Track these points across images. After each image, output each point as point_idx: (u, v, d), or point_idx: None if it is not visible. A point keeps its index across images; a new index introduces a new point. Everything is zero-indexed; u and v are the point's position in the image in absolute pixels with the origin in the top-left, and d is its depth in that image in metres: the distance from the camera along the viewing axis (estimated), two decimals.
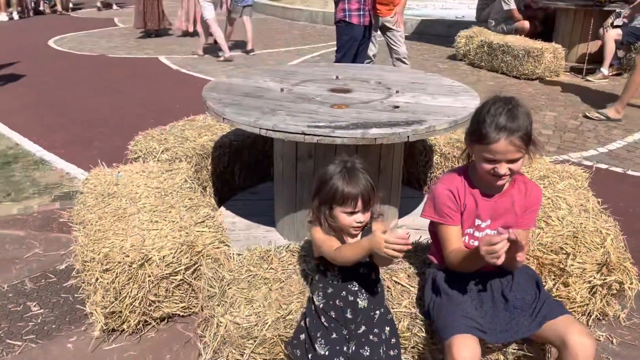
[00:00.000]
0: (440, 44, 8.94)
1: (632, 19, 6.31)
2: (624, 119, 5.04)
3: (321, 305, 1.70)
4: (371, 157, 2.48)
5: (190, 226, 2.29)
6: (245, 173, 3.42)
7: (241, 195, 3.33)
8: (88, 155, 4.07)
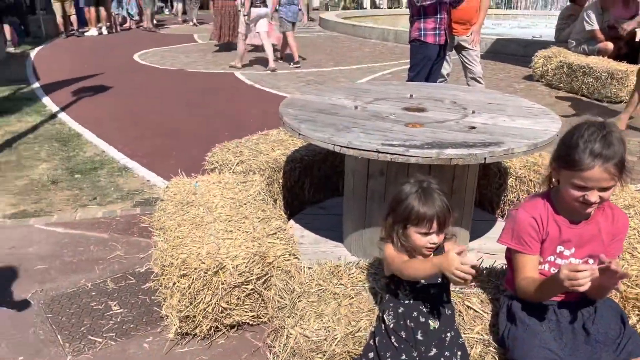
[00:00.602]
0: (515, 64, 8.71)
1: None
2: None
3: (391, 325, 1.69)
4: (444, 178, 2.45)
5: (262, 237, 2.35)
6: (314, 187, 3.47)
7: (310, 209, 3.38)
8: (167, 164, 4.28)
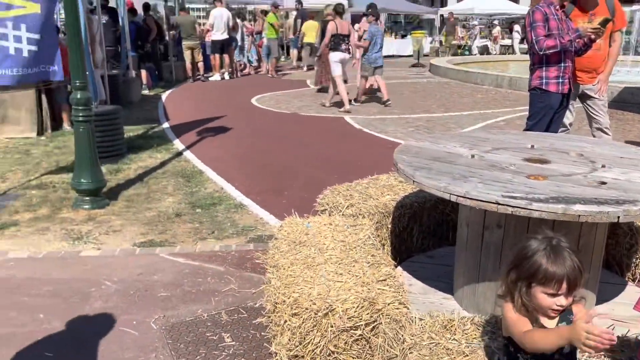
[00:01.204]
0: None
1: None
2: None
3: None
4: (569, 235, 2.28)
5: (372, 283, 2.34)
6: (423, 235, 3.41)
7: (418, 257, 3.32)
8: (279, 203, 4.46)
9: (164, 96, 10.56)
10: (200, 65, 13.11)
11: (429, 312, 2.14)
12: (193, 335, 2.55)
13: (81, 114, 4.15)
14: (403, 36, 24.65)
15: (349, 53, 9.08)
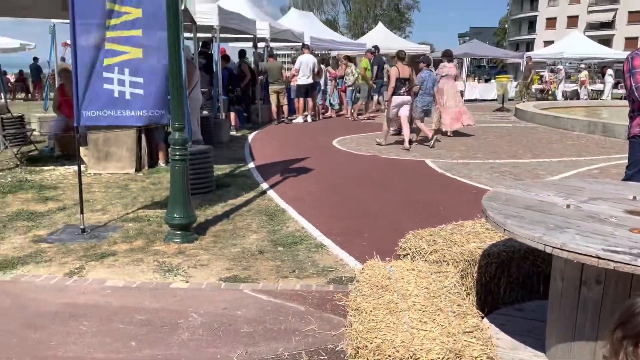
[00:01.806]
0: None
1: None
2: None
3: None
4: None
5: (458, 334, 2.26)
6: (511, 286, 3.25)
7: (505, 309, 3.16)
8: (359, 244, 4.45)
9: (250, 137, 11.03)
10: (285, 108, 13.63)
11: None
12: None
13: (178, 153, 4.44)
14: (487, 80, 24.29)
15: (409, 96, 9.61)
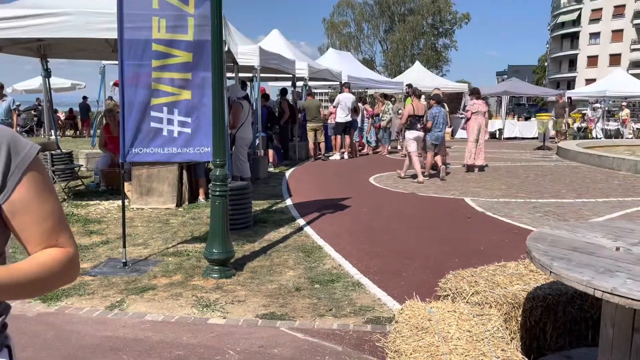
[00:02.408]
0: None
1: None
2: None
3: None
4: None
5: None
6: (558, 332, 3.12)
7: (552, 356, 3.03)
8: (397, 284, 4.38)
9: (288, 173, 11.15)
10: (322, 145, 13.77)
11: None
12: None
13: (218, 189, 4.52)
14: (527, 118, 23.99)
15: (423, 131, 10.17)
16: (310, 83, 14.62)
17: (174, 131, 4.83)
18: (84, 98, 23.81)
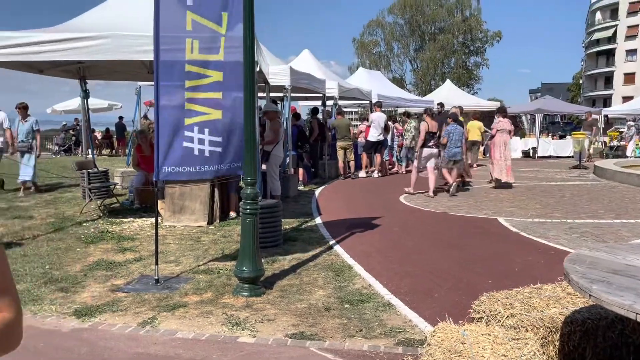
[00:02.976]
0: None
1: None
2: None
3: None
4: None
5: None
6: (597, 358, 2.99)
7: None
8: (428, 305, 4.29)
9: (317, 192, 11.16)
10: (351, 164, 13.77)
11: None
12: None
13: (249, 207, 4.56)
14: (561, 137, 23.50)
15: (437, 148, 10.60)
16: (340, 102, 14.70)
17: (205, 150, 4.90)
18: (120, 118, 24.53)
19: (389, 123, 15.02)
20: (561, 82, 72.47)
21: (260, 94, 8.21)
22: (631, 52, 59.03)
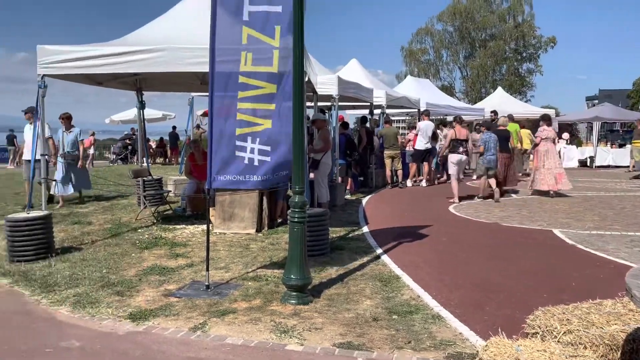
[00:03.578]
0: None
1: None
2: None
3: None
4: None
5: None
6: None
7: None
8: (479, 318, 4.18)
9: (365, 201, 11.11)
10: (399, 172, 13.65)
11: None
12: None
13: (297, 216, 4.59)
14: (621, 145, 22.46)
15: (466, 155, 10.95)
16: (387, 110, 14.62)
17: (255, 159, 4.98)
18: (173, 128, 25.32)
19: (438, 131, 14.83)
20: (620, 89, 69.31)
21: (308, 103, 8.29)
22: None
